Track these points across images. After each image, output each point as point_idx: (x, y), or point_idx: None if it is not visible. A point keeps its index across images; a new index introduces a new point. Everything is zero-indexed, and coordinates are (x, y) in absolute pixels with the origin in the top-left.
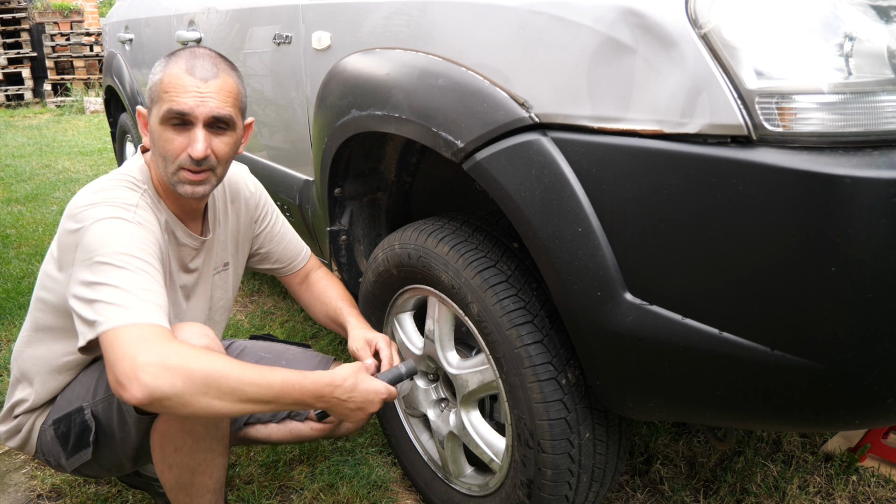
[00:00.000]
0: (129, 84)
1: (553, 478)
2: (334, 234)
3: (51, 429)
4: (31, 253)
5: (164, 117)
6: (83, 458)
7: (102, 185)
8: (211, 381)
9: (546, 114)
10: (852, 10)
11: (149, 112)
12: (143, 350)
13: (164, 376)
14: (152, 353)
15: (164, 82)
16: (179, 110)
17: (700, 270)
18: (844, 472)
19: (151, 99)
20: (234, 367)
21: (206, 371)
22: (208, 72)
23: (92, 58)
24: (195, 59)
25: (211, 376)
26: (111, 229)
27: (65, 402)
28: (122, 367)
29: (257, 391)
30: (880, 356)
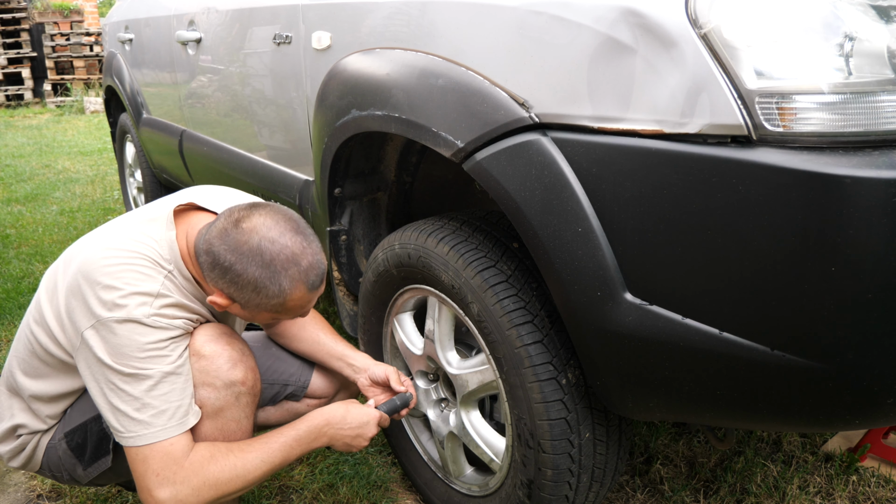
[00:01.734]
0: (129, 84)
1: (553, 478)
2: (334, 234)
3: (63, 442)
4: (31, 253)
5: (278, 318)
6: (103, 465)
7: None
8: (221, 495)
9: (546, 114)
10: (852, 10)
11: (250, 307)
12: (156, 486)
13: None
14: (166, 491)
15: (289, 306)
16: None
17: (700, 270)
18: (844, 472)
19: (261, 306)
20: (239, 470)
21: (214, 491)
22: (320, 276)
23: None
24: (310, 273)
25: (220, 492)
26: (127, 335)
27: (77, 414)
28: (144, 499)
29: (263, 474)
30: (880, 356)
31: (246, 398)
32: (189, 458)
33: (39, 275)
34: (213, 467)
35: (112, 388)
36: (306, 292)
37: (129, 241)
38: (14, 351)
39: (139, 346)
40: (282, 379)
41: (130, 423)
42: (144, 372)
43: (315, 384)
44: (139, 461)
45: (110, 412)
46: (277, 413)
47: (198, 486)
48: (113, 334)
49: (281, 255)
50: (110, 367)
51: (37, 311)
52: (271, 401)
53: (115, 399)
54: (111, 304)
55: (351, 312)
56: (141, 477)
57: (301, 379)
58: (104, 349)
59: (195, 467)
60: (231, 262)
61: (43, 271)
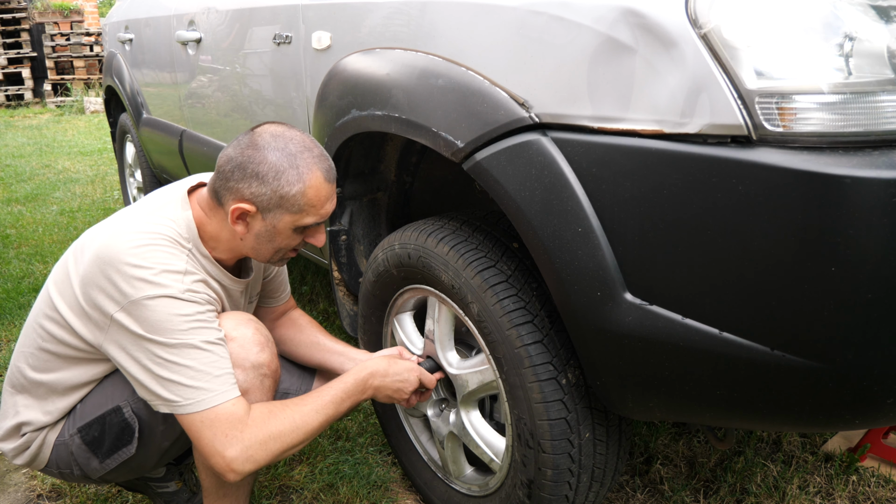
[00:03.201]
0: (129, 84)
1: (553, 478)
2: (334, 234)
3: (76, 437)
4: (31, 253)
5: (303, 227)
6: (124, 455)
7: (146, 238)
8: (287, 446)
9: (546, 114)
10: (852, 10)
11: (271, 214)
12: (227, 446)
13: (250, 463)
14: (236, 449)
15: (309, 196)
16: (322, 222)
17: (700, 270)
18: (844, 472)
19: (283, 206)
20: (298, 422)
21: (280, 442)
22: (333, 170)
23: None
24: (322, 161)
25: (285, 443)
26: (167, 310)
27: (91, 408)
28: (215, 462)
29: (320, 424)
30: (880, 356)
31: (269, 381)
32: (251, 416)
33: (39, 275)
34: (275, 421)
35: (159, 361)
36: (323, 180)
37: (147, 224)
38: (20, 346)
39: (180, 318)
40: (282, 388)
41: (188, 391)
42: (191, 341)
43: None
44: (205, 426)
45: (161, 386)
46: None
47: (264, 440)
48: (150, 311)
49: (294, 142)
50: (154, 342)
51: (47, 306)
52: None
53: (164, 372)
54: (142, 283)
55: (351, 312)
56: (209, 441)
57: (302, 388)
58: (143, 327)
59: (259, 423)
60: (249, 155)
61: (43, 271)
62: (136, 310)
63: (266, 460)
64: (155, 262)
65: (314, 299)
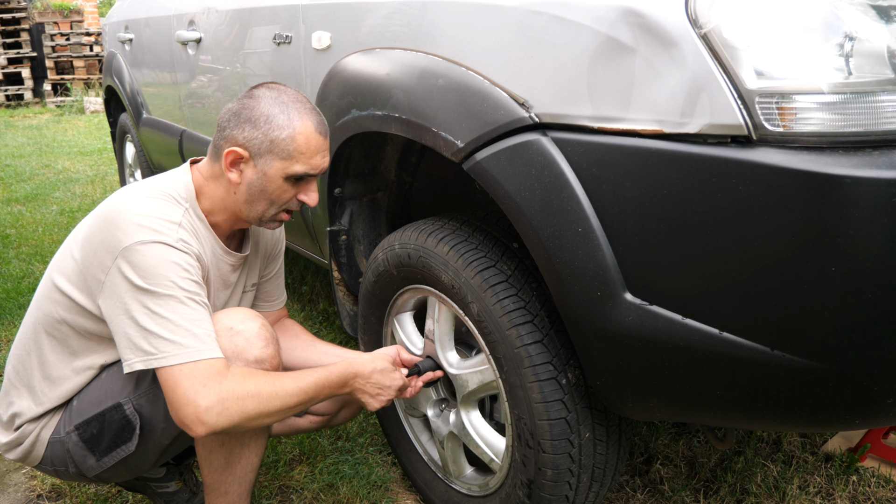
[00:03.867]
0: (129, 84)
1: (553, 478)
2: (334, 234)
3: (73, 434)
4: (31, 253)
5: (293, 176)
6: (124, 452)
7: (145, 192)
8: (262, 409)
9: (546, 114)
10: (852, 10)
11: (263, 160)
12: (203, 396)
13: (225, 416)
14: (212, 398)
15: (299, 142)
16: (313, 174)
17: (700, 270)
18: (844, 472)
19: (273, 151)
20: (277, 388)
21: (257, 402)
22: (325, 126)
23: (92, 58)
24: (315, 114)
25: (262, 405)
26: (158, 255)
27: (89, 405)
28: (187, 412)
29: (297, 401)
30: (880, 356)
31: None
32: (231, 372)
33: (39, 275)
34: (255, 381)
35: (145, 311)
36: (314, 129)
37: (148, 185)
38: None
39: (172, 265)
40: None
41: (169, 346)
42: (178, 294)
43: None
44: (184, 376)
45: (142, 337)
46: (279, 426)
47: (242, 396)
48: (143, 256)
49: (288, 94)
50: (144, 290)
51: (46, 289)
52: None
53: (148, 323)
54: (137, 228)
55: (351, 312)
56: (184, 391)
57: None
58: (135, 273)
59: (238, 379)
60: (244, 104)
61: (43, 271)
62: (130, 255)
63: (239, 418)
64: (151, 211)
65: (314, 299)
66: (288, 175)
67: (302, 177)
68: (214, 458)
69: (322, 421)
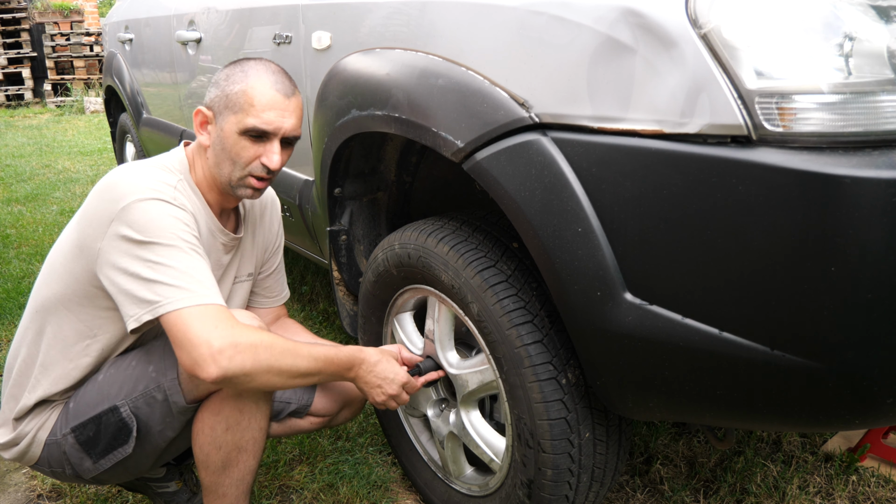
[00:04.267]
0: (129, 84)
1: (553, 477)
2: (334, 234)
3: (70, 436)
4: (31, 253)
5: (245, 130)
6: (120, 455)
7: (140, 164)
8: (273, 362)
9: (546, 114)
10: (852, 10)
11: (221, 117)
12: (216, 335)
13: (238, 359)
14: (225, 338)
15: (249, 95)
16: (264, 129)
17: (700, 270)
18: (844, 472)
19: (228, 107)
20: (290, 347)
21: (269, 353)
22: (289, 89)
23: (92, 58)
24: (276, 75)
25: (274, 357)
26: (156, 210)
27: (85, 407)
28: (200, 351)
29: (307, 366)
30: (880, 356)
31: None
32: (242, 322)
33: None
34: (267, 334)
35: (146, 264)
36: (269, 85)
37: (143, 162)
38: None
39: (170, 218)
40: (285, 397)
41: (175, 291)
42: (179, 244)
43: (318, 403)
44: (195, 318)
45: (146, 288)
46: (280, 428)
47: (254, 344)
48: (140, 212)
49: (257, 60)
50: (143, 243)
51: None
52: (275, 417)
53: (150, 273)
54: (134, 188)
55: (351, 312)
56: (196, 331)
57: (304, 398)
58: (133, 230)
59: (251, 329)
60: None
61: None
62: (127, 214)
63: (251, 365)
64: (147, 176)
65: (314, 299)
66: (242, 129)
67: (259, 134)
68: (212, 461)
69: (322, 422)
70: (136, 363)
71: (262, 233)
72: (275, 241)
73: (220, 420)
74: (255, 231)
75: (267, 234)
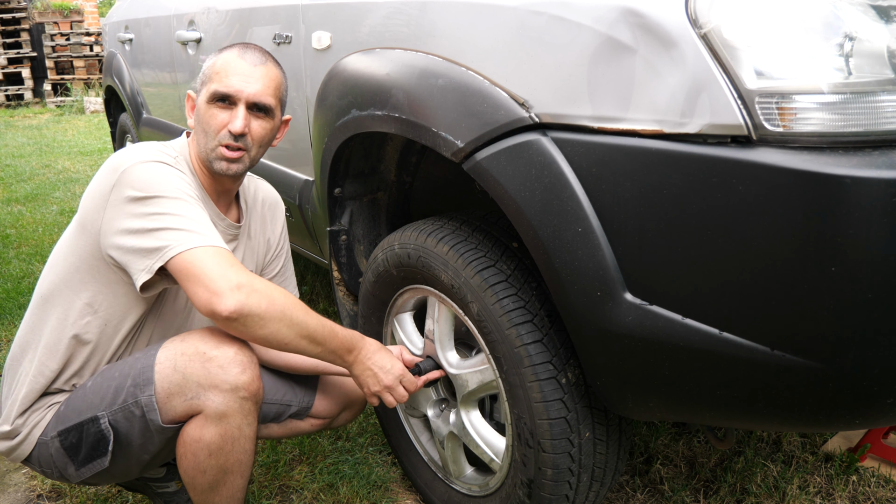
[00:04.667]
0: (129, 84)
1: (553, 477)
2: (334, 234)
3: (56, 440)
4: (31, 253)
5: (212, 96)
6: (98, 466)
7: (139, 144)
8: (286, 311)
9: (546, 114)
10: (852, 10)
11: (198, 94)
12: (233, 271)
13: (254, 297)
14: (242, 275)
15: (216, 66)
16: (225, 92)
17: (700, 270)
18: (844, 472)
19: (202, 82)
20: (302, 304)
21: (283, 300)
22: (257, 59)
23: (92, 58)
24: (246, 49)
25: (287, 306)
26: (156, 169)
27: (72, 413)
28: (219, 284)
29: (314, 328)
30: (880, 356)
31: (249, 404)
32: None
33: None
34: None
35: (152, 216)
36: (237, 55)
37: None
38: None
39: (171, 177)
40: (285, 399)
41: (184, 235)
42: (182, 196)
43: (318, 405)
44: (209, 256)
45: (153, 238)
46: (281, 430)
47: (268, 289)
48: (141, 171)
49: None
50: (146, 198)
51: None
52: (275, 419)
53: (156, 223)
54: (132, 156)
55: (351, 312)
56: (213, 268)
57: (305, 400)
58: (135, 188)
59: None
60: None
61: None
62: (127, 176)
63: (266, 307)
64: (147, 147)
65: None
66: (208, 97)
67: (222, 98)
68: (198, 483)
69: (323, 423)
70: (118, 374)
71: (264, 231)
72: (277, 242)
73: (201, 446)
74: (255, 227)
75: (269, 233)
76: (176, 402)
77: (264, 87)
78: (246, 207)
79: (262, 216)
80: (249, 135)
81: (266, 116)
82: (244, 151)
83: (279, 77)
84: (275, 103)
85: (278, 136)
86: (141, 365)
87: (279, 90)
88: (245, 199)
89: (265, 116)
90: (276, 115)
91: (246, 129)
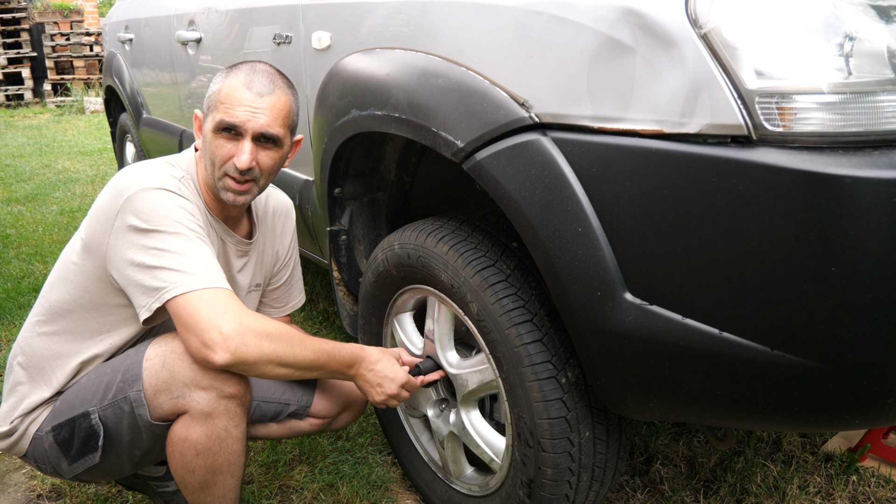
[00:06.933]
0: (129, 84)
1: (553, 477)
2: (334, 234)
3: (49, 435)
4: (31, 253)
5: (217, 126)
6: (89, 462)
7: (148, 162)
8: (278, 354)
9: (546, 114)
10: (852, 10)
11: (205, 118)
12: (225, 322)
13: (244, 349)
14: (234, 326)
15: (223, 93)
16: (231, 123)
17: (700, 270)
18: (844, 472)
19: (208, 106)
20: (296, 338)
21: (276, 343)
22: (265, 88)
23: (92, 58)
24: (254, 74)
25: (279, 350)
26: (160, 198)
27: (66, 408)
28: (210, 335)
29: (311, 359)
30: (880, 356)
31: (234, 406)
32: (248, 310)
33: (39, 275)
34: (275, 324)
35: (152, 252)
36: (242, 84)
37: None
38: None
39: (175, 206)
40: (283, 398)
41: (181, 276)
42: (184, 232)
43: (317, 405)
44: (204, 302)
45: (151, 277)
46: (280, 429)
47: (261, 333)
48: (146, 201)
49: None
50: (148, 231)
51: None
52: (274, 418)
53: (155, 261)
54: (139, 180)
55: (351, 312)
56: (206, 316)
57: (304, 399)
58: (139, 218)
59: (258, 317)
60: None
61: (43, 271)
62: (131, 203)
63: (256, 356)
64: (152, 170)
65: (314, 299)
66: (214, 126)
67: (228, 129)
68: (188, 483)
69: (322, 424)
70: (110, 370)
71: (273, 243)
72: (286, 253)
73: (188, 446)
74: (266, 240)
75: (278, 245)
76: (163, 399)
77: (272, 119)
78: (257, 220)
79: (272, 227)
80: (257, 166)
81: (274, 146)
82: (252, 182)
83: (288, 105)
84: (283, 133)
85: (290, 157)
86: (131, 361)
87: (288, 118)
88: (256, 211)
89: (273, 146)
90: (284, 144)
91: (252, 163)
